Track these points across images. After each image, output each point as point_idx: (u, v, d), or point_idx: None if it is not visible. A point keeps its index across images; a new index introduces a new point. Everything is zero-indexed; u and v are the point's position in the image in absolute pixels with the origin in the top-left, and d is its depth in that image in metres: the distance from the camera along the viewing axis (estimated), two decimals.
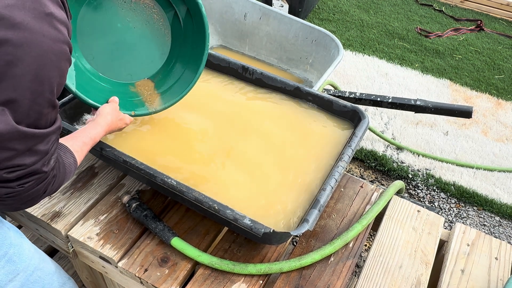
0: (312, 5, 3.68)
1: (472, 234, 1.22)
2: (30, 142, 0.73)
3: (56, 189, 0.86)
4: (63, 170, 0.87)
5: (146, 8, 1.20)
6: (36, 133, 0.73)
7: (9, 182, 0.74)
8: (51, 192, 0.85)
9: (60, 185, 0.88)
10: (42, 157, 0.76)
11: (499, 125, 2.76)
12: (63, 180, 0.88)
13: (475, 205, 2.26)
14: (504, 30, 3.81)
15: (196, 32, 1.24)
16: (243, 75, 1.45)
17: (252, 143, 1.27)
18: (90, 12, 1.13)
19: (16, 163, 0.73)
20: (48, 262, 1.09)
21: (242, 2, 2.16)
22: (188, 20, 1.24)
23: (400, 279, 1.10)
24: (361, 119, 1.27)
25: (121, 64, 1.23)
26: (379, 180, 2.37)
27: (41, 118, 0.74)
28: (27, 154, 0.74)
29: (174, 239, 1.08)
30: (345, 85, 2.97)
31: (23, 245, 1.01)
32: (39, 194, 0.81)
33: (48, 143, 0.77)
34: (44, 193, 0.82)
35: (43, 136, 0.75)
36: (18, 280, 0.98)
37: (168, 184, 1.03)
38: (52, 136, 0.78)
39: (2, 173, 0.72)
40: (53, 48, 0.71)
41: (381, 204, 1.22)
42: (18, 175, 0.74)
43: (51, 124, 0.78)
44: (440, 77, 3.14)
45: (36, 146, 0.74)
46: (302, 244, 1.15)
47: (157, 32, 1.25)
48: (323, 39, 1.96)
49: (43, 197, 0.84)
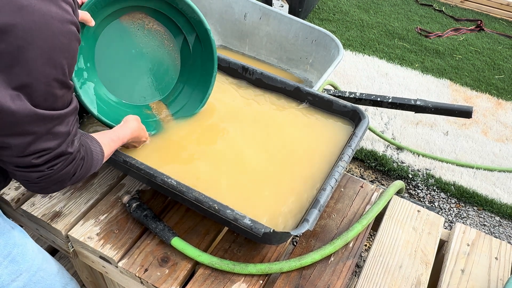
0: (312, 5, 3.68)
1: (472, 234, 1.22)
2: (49, 124, 0.74)
3: (84, 175, 0.89)
4: (90, 156, 0.89)
5: (157, 34, 1.29)
6: (55, 115, 0.74)
7: (39, 167, 0.77)
8: (80, 176, 0.87)
9: (88, 172, 0.90)
10: (64, 138, 0.78)
11: (499, 125, 2.76)
12: (90, 166, 0.90)
13: (475, 205, 2.26)
14: (504, 30, 3.81)
15: (205, 56, 1.31)
16: (243, 75, 1.45)
17: (251, 143, 1.27)
18: (106, 40, 1.19)
19: (41, 147, 0.75)
20: (51, 262, 1.09)
21: (242, 2, 2.16)
22: (197, 44, 1.31)
23: (400, 279, 1.10)
24: (361, 119, 1.27)
25: (135, 87, 1.30)
26: (379, 180, 2.37)
27: (57, 100, 0.75)
28: (49, 137, 0.75)
29: (174, 239, 1.08)
30: (345, 85, 2.97)
31: (27, 245, 1.01)
32: (69, 176, 0.83)
33: (68, 124, 0.79)
34: (74, 175, 0.84)
35: (62, 117, 0.76)
36: (21, 280, 0.98)
37: (168, 184, 1.03)
38: (70, 117, 0.79)
39: (30, 159, 0.75)
40: (62, 29, 0.70)
41: (381, 204, 1.22)
42: (45, 159, 0.76)
43: (68, 105, 0.78)
44: (440, 77, 3.14)
45: (56, 128, 0.76)
46: (302, 244, 1.15)
47: (167, 56, 1.33)
48: (323, 39, 1.96)
49: (74, 181, 0.86)
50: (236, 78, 1.47)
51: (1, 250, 0.94)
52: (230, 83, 1.46)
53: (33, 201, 1.19)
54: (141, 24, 1.25)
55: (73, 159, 0.82)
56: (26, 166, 0.76)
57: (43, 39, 0.68)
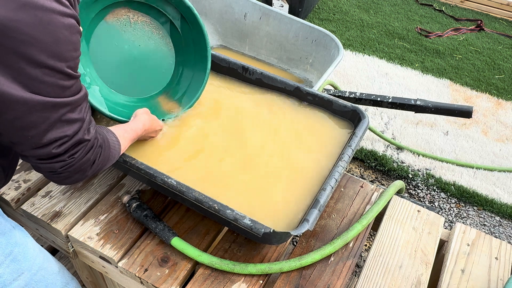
0: (312, 5, 3.68)
1: (472, 234, 1.22)
2: (61, 110, 0.77)
3: (103, 165, 0.91)
4: (107, 145, 0.92)
5: (144, 25, 1.29)
6: (65, 101, 0.77)
7: (60, 156, 0.80)
8: (99, 165, 0.89)
9: (107, 161, 0.92)
10: (80, 125, 0.81)
11: (499, 125, 2.76)
12: (108, 155, 0.92)
13: (475, 205, 2.26)
14: (504, 30, 3.81)
15: (195, 34, 1.32)
16: (243, 75, 1.45)
17: (251, 143, 1.27)
18: (98, 43, 1.21)
19: (58, 135, 0.77)
20: (52, 261, 1.09)
21: (242, 2, 2.16)
22: (185, 25, 1.32)
23: (400, 279, 1.10)
24: (361, 119, 1.27)
25: (138, 81, 1.31)
26: (379, 180, 2.37)
27: (65, 91, 0.77)
28: (64, 124, 0.78)
29: (174, 239, 1.08)
30: (345, 85, 2.97)
31: (28, 244, 1.01)
32: (90, 164, 0.86)
33: (81, 111, 0.81)
34: (94, 163, 0.87)
35: (72, 103, 0.78)
36: (22, 279, 0.98)
37: (168, 184, 1.03)
38: (82, 104, 0.82)
39: (50, 149, 0.78)
40: (64, 23, 0.72)
41: (381, 204, 1.22)
42: (66, 148, 0.79)
43: (77, 93, 0.80)
44: (440, 77, 3.14)
45: (69, 115, 0.78)
46: (302, 244, 1.15)
47: (160, 44, 1.33)
48: (323, 39, 1.96)
49: (94, 170, 0.88)
50: (236, 78, 1.47)
51: (3, 250, 0.95)
52: (230, 83, 1.46)
53: (33, 201, 1.19)
54: (126, 19, 1.26)
55: (92, 146, 0.85)
56: (48, 157, 0.79)
57: (47, 34, 0.70)
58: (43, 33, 0.69)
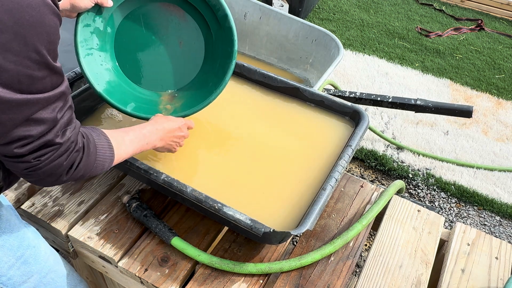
0: (312, 4, 3.68)
1: (472, 234, 1.22)
2: (27, 109, 0.67)
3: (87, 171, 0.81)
4: (93, 150, 0.81)
5: (184, 24, 1.24)
6: (31, 99, 0.67)
7: (23, 157, 0.71)
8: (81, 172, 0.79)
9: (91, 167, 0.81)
10: (50, 126, 0.71)
11: (500, 124, 2.76)
12: (93, 162, 0.81)
13: (475, 205, 2.26)
14: (505, 30, 3.81)
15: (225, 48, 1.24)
16: (243, 74, 1.45)
17: (251, 142, 1.27)
18: (129, 25, 1.19)
19: (21, 134, 0.69)
20: (61, 264, 1.09)
21: (242, 2, 2.16)
22: (219, 34, 1.24)
23: (400, 279, 1.10)
24: (361, 119, 1.27)
25: (154, 75, 1.26)
26: (379, 180, 2.37)
27: (34, 82, 0.67)
28: (30, 123, 0.69)
29: (174, 239, 1.08)
30: (345, 84, 2.97)
31: (40, 246, 1.01)
32: (64, 169, 0.76)
33: (54, 110, 0.71)
34: (71, 169, 0.77)
35: (42, 101, 0.69)
36: (31, 282, 0.98)
37: (168, 184, 1.03)
38: (57, 103, 0.72)
39: (12, 148, 0.70)
40: (31, 1, 0.63)
41: (381, 203, 1.22)
42: (29, 149, 0.71)
43: (51, 89, 0.71)
44: (441, 76, 3.14)
45: (38, 114, 0.69)
46: (302, 243, 1.15)
47: (191, 46, 1.27)
48: (323, 39, 1.96)
49: (75, 176, 0.79)
50: (236, 78, 1.47)
51: (14, 252, 0.94)
52: (229, 83, 1.46)
53: (33, 201, 1.19)
54: (171, 15, 1.23)
55: (66, 150, 0.75)
56: (11, 156, 0.71)
57: (7, 12, 0.61)
58: (2, 10, 0.60)
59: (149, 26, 1.23)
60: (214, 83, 1.25)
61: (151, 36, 1.24)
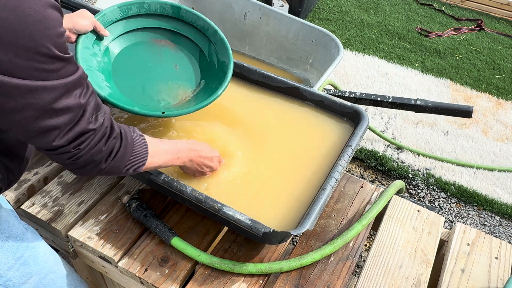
0: (312, 5, 3.68)
1: (472, 234, 1.22)
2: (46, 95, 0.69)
3: (121, 164, 0.83)
4: (130, 142, 0.84)
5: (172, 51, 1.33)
6: (49, 85, 0.68)
7: (63, 147, 0.75)
8: (118, 162, 0.82)
9: (124, 161, 0.84)
10: (77, 113, 0.74)
11: (499, 124, 2.76)
12: (129, 154, 0.84)
13: (475, 205, 2.26)
14: (505, 30, 3.81)
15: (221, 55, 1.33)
16: (243, 75, 1.45)
17: (251, 142, 1.27)
18: (125, 56, 1.26)
19: (50, 124, 0.71)
20: (61, 264, 1.09)
21: (242, 2, 2.16)
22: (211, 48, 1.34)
23: (400, 279, 1.10)
24: (361, 119, 1.27)
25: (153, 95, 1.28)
26: (379, 180, 2.37)
27: (50, 74, 0.69)
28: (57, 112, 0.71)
29: (174, 239, 1.08)
30: (345, 84, 2.97)
31: (39, 247, 1.01)
32: (104, 155, 0.79)
33: (77, 96, 0.73)
34: (109, 156, 0.80)
35: (60, 87, 0.70)
36: (31, 283, 0.98)
37: (168, 184, 1.03)
38: (77, 89, 0.73)
39: (50, 141, 0.73)
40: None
41: (381, 203, 1.22)
42: (68, 139, 0.74)
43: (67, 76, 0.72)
44: (440, 76, 3.14)
45: (60, 102, 0.71)
46: (302, 243, 1.15)
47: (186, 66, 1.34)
48: (323, 39, 1.96)
49: (112, 164, 0.81)
50: (236, 78, 1.47)
51: (13, 253, 0.94)
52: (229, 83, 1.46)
53: (33, 201, 1.19)
54: (163, 46, 1.33)
55: (103, 135, 0.78)
56: (52, 149, 0.75)
57: (9, 10, 0.61)
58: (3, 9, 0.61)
59: (144, 56, 1.30)
60: (216, 84, 1.28)
61: (147, 64, 1.29)
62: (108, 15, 1.24)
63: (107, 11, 1.24)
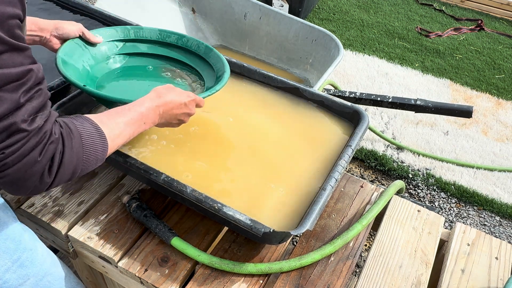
0: (312, 5, 3.68)
1: (472, 234, 1.22)
2: None
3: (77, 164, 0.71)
4: (77, 141, 0.71)
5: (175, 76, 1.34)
6: None
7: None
8: (70, 167, 0.69)
9: (79, 160, 0.71)
10: (10, 107, 0.61)
11: (500, 124, 2.76)
12: (81, 154, 0.71)
13: (475, 205, 2.26)
14: (505, 30, 3.81)
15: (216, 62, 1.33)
16: (243, 75, 1.45)
17: (250, 142, 1.27)
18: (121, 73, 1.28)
19: None
20: (59, 266, 1.08)
21: (242, 2, 2.16)
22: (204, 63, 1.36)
23: (400, 279, 1.10)
24: (361, 119, 1.27)
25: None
26: (379, 180, 2.37)
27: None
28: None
29: (174, 239, 1.08)
30: (345, 84, 2.97)
31: (37, 249, 1.00)
32: (43, 166, 0.66)
33: (17, 91, 0.62)
34: (52, 165, 0.67)
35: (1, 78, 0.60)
36: (27, 285, 0.97)
37: (168, 184, 1.03)
38: (20, 82, 0.63)
39: None
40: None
41: (381, 204, 1.22)
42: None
43: (13, 66, 0.62)
44: (440, 76, 3.15)
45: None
46: (302, 243, 1.15)
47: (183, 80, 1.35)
48: (323, 39, 1.96)
49: (60, 173, 0.68)
50: (236, 78, 1.47)
51: (11, 255, 0.94)
52: (228, 83, 1.46)
53: (33, 201, 1.19)
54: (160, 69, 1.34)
55: (39, 142, 0.64)
56: None
57: None
58: None
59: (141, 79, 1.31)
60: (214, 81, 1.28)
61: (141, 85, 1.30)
62: (145, 31, 1.31)
63: (146, 28, 1.31)
